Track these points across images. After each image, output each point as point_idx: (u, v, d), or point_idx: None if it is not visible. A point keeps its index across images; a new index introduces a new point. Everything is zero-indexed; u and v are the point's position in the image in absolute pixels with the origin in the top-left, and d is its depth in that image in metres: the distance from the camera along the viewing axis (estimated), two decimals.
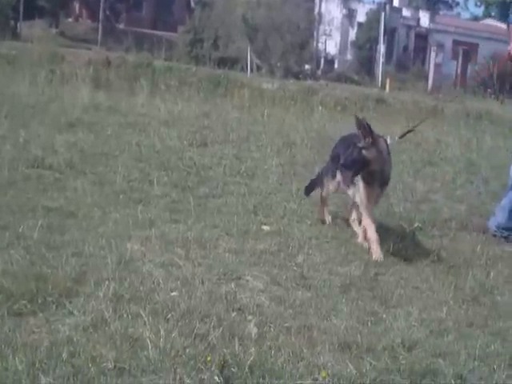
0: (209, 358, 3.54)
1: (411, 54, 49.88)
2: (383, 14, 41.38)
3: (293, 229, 6.31)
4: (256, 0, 40.16)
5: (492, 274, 5.72)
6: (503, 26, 57.73)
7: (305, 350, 3.87)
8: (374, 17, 44.68)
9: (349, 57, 47.30)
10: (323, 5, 47.10)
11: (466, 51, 44.73)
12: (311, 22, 43.87)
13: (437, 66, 41.15)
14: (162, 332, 3.79)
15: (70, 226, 5.59)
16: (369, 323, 4.42)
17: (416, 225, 6.87)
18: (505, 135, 15.78)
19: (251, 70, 31.44)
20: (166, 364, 3.52)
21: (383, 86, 32.19)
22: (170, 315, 4.07)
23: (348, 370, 3.68)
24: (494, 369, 3.92)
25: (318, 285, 4.99)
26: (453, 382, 3.73)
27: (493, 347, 4.25)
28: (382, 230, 6.70)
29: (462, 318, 4.73)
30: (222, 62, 26.82)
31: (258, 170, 8.49)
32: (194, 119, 11.56)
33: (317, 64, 42.23)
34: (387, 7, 45.84)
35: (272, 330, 4.12)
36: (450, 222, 7.23)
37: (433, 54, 43.13)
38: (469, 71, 42.75)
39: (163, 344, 3.68)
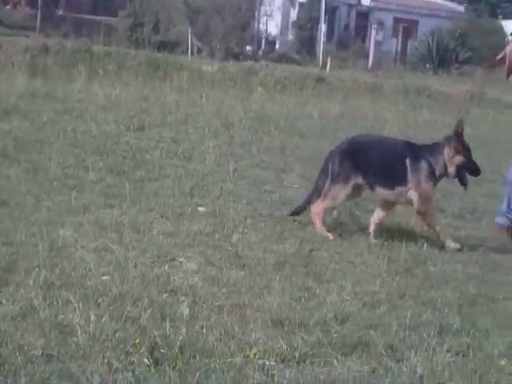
0: (137, 341, 3.53)
1: (352, 32, 49.99)
2: None
3: (228, 209, 6.31)
4: None
5: (426, 245, 5.79)
6: (443, 2, 58.39)
7: (236, 329, 3.89)
8: None
9: (290, 37, 47.23)
10: None
11: (406, 28, 44.98)
12: (252, 3, 43.67)
13: (377, 43, 41.30)
14: (92, 317, 3.77)
15: (1, 216, 5.51)
16: (302, 299, 4.46)
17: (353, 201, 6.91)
18: (442, 109, 15.96)
19: (192, 52, 31.29)
20: (95, 349, 3.50)
21: (324, 65, 32.23)
22: (101, 300, 4.05)
23: (279, 346, 3.70)
24: (423, 337, 3.97)
25: (252, 263, 5.01)
26: (383, 351, 3.78)
27: (424, 316, 4.33)
28: None
29: (395, 289, 4.80)
30: (163, 46, 26.67)
31: (195, 151, 8.46)
32: (132, 103, 11.46)
33: (258, 45, 42.11)
34: None
35: (204, 309, 4.13)
36: None
37: (373, 32, 43.25)
38: (409, 48, 43.04)
39: (93, 329, 3.66)
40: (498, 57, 6.53)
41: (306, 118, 12.14)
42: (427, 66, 34.89)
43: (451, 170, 6.00)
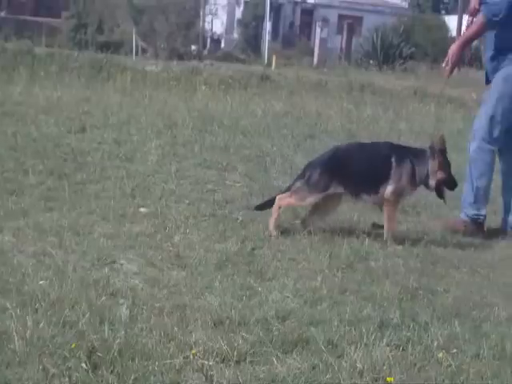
0: (73, 345, 3.49)
1: (297, 30, 50.26)
2: None
3: (170, 209, 6.28)
4: None
5: (367, 240, 5.82)
6: None
7: (176, 330, 3.87)
8: None
9: (235, 35, 47.29)
10: None
11: (351, 25, 45.26)
12: (197, 2, 43.55)
13: (322, 40, 41.44)
14: (29, 323, 3.72)
15: None
16: (243, 298, 4.45)
17: None
18: (385, 105, 16.09)
19: (136, 53, 31.13)
20: (32, 355, 3.45)
21: (270, 64, 32.31)
22: (38, 305, 4.00)
23: (219, 346, 3.69)
24: (363, 332, 4.00)
25: (194, 263, 4.99)
26: (323, 348, 3.79)
27: (365, 311, 4.35)
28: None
29: (337, 285, 4.81)
30: (107, 46, 26.46)
31: (137, 152, 8.41)
32: (74, 105, 11.36)
33: (203, 44, 42.04)
34: None
35: (144, 312, 4.10)
36: None
37: (318, 29, 43.43)
38: (353, 44, 43.32)
39: (30, 335, 3.61)
40: (443, 64, 6.55)
41: (249, 116, 12.16)
42: (371, 62, 35.13)
43: (432, 183, 6.12)
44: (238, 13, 48.79)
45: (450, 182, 6.19)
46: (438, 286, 4.98)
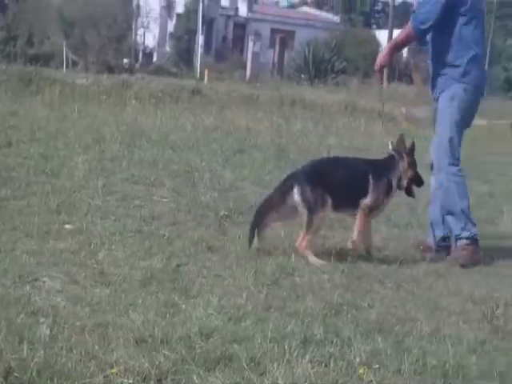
0: None
1: (230, 43, 50.37)
2: (201, 4, 41.55)
3: (96, 226, 6.20)
4: None
5: (293, 256, 5.84)
6: (319, 13, 59.51)
7: (97, 348, 3.81)
8: (192, 7, 44.77)
9: (168, 49, 47.22)
10: None
11: (283, 39, 45.61)
12: (128, 15, 43.44)
13: (255, 54, 41.66)
14: None
15: None
16: (167, 315, 4.40)
17: (222, 213, 6.93)
18: (316, 119, 16.22)
19: (67, 66, 30.83)
20: None
21: (202, 77, 32.33)
22: None
23: (140, 364, 3.65)
24: (286, 349, 4.00)
25: (118, 280, 4.93)
26: (245, 365, 3.78)
27: (289, 328, 4.34)
28: (190, 218, 6.77)
29: (261, 301, 4.80)
30: (36, 59, 26.16)
31: (64, 167, 8.30)
32: (0, 119, 11.18)
33: (135, 57, 41.89)
34: None
35: (65, 330, 4.03)
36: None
37: (250, 43, 43.66)
38: (286, 58, 43.64)
39: None
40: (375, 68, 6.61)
41: (179, 131, 12.13)
42: (302, 76, 35.40)
43: (404, 183, 6.32)
44: (171, 26, 48.73)
45: (418, 179, 6.41)
46: (363, 302, 5.00)
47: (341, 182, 6.16)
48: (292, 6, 73.43)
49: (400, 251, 6.42)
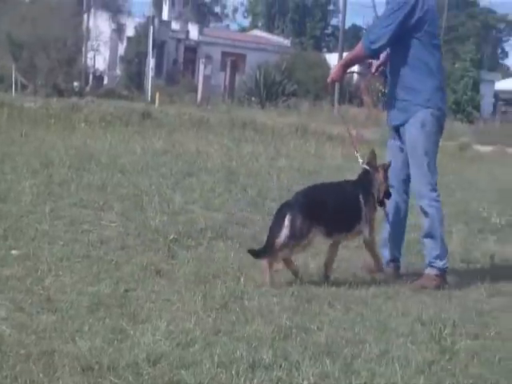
0: None
1: (181, 66, 50.40)
2: (152, 27, 41.57)
3: (43, 251, 6.12)
4: (21, 16, 38.97)
5: (242, 279, 5.83)
6: (270, 36, 59.91)
7: (42, 376, 3.76)
8: (142, 31, 44.77)
9: (118, 72, 47.09)
10: (91, 20, 46.56)
11: (234, 62, 45.77)
12: (78, 38, 43.21)
13: (206, 77, 41.76)
14: None
15: None
16: (115, 341, 4.35)
17: (172, 236, 6.90)
18: (266, 142, 16.27)
19: (16, 89, 30.55)
20: None
21: (153, 100, 32.29)
22: None
23: None
24: (233, 374, 3.98)
25: (65, 307, 4.86)
26: None
27: (237, 352, 4.31)
28: (138, 243, 6.72)
29: (210, 326, 4.77)
30: None
31: (11, 192, 8.18)
32: None
33: (86, 80, 41.68)
34: (156, 20, 46.12)
35: (10, 358, 3.96)
36: (206, 232, 7.30)
37: (201, 67, 43.75)
38: (237, 82, 43.79)
39: None
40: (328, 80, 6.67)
41: (128, 154, 12.07)
42: (253, 99, 35.54)
43: (380, 196, 6.49)
44: (121, 49, 48.63)
45: (388, 191, 6.56)
46: (312, 324, 5.00)
47: (334, 209, 6.21)
48: (243, 30, 73.92)
49: (349, 273, 6.44)
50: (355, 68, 6.88)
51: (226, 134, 17.16)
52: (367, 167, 6.46)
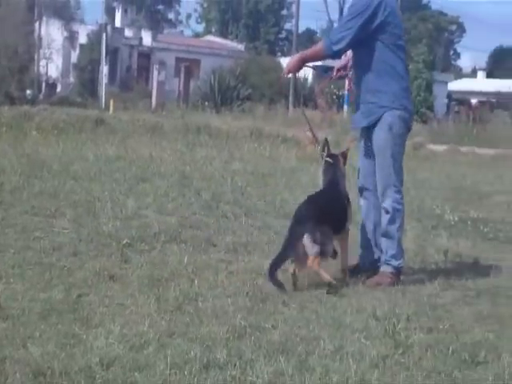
0: None
1: (135, 73, 50.20)
2: (104, 34, 41.34)
3: None
4: None
5: (196, 281, 5.81)
6: (224, 41, 59.92)
7: None
8: (95, 38, 44.52)
9: (72, 79, 46.75)
10: (43, 28, 46.17)
11: (188, 67, 45.73)
12: (30, 46, 42.80)
13: (160, 83, 41.66)
14: None
15: None
16: (68, 346, 4.32)
17: (125, 241, 6.86)
18: (221, 146, 16.28)
19: None
20: None
21: (107, 107, 32.11)
22: None
23: None
24: (186, 375, 3.97)
25: (16, 314, 4.81)
26: None
27: (192, 353, 4.29)
28: (91, 248, 6.67)
29: (164, 328, 4.74)
30: None
31: None
32: None
33: (38, 88, 41.31)
34: (109, 28, 45.92)
35: None
36: (160, 236, 7.27)
37: (155, 73, 43.64)
38: (191, 87, 43.73)
39: None
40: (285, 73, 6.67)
41: (81, 161, 11.99)
42: (206, 104, 35.50)
43: None
44: (74, 57, 48.29)
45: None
46: (266, 323, 4.99)
47: (335, 214, 6.31)
48: (197, 36, 73.85)
49: (305, 273, 6.43)
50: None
51: (180, 139, 17.13)
52: (330, 159, 6.51)
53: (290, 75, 6.96)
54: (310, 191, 6.85)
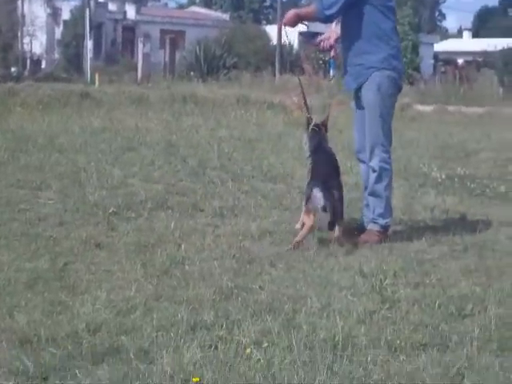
0: None
1: (120, 46, 49.87)
2: (88, 9, 40.99)
3: None
4: None
5: (183, 246, 5.81)
6: (207, 11, 59.52)
7: None
8: (79, 13, 44.13)
9: (56, 55, 46.44)
10: (26, 5, 45.78)
11: (173, 39, 45.45)
12: (13, 24, 42.51)
13: (145, 56, 41.37)
14: None
15: None
16: (54, 314, 4.31)
17: (111, 210, 6.85)
18: (207, 115, 16.22)
19: None
20: None
21: (93, 82, 31.91)
22: None
23: (24, 364, 3.57)
24: (172, 336, 3.97)
25: (2, 284, 4.80)
26: (132, 356, 3.73)
27: (178, 315, 4.30)
28: (77, 218, 6.65)
29: (151, 292, 4.75)
30: None
31: None
32: None
33: (23, 65, 41.05)
34: (92, 3, 45.50)
35: None
36: (146, 203, 7.26)
37: (140, 45, 43.34)
38: (177, 58, 43.49)
39: None
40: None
41: (66, 134, 11.94)
42: (192, 73, 35.31)
43: None
44: (58, 33, 47.94)
45: None
46: (253, 284, 5.00)
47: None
48: (181, 7, 73.32)
49: (292, 234, 6.43)
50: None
51: (166, 109, 17.06)
52: (316, 128, 6.55)
53: (284, 33, 6.88)
54: (296, 155, 6.80)
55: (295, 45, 43.40)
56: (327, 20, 6.57)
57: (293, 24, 6.53)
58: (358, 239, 6.37)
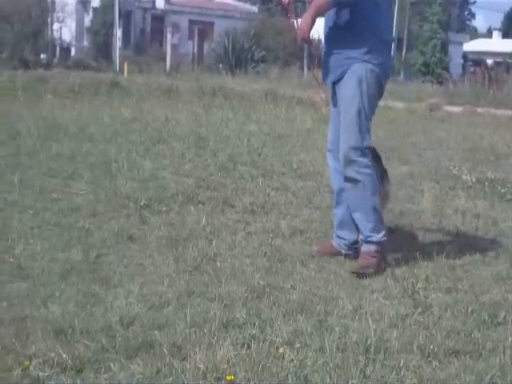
0: None
1: (148, 36, 49.99)
2: None
3: (13, 220, 6.08)
4: None
5: (215, 242, 5.82)
6: (237, 3, 59.48)
7: (15, 342, 3.74)
8: (108, 1, 44.28)
9: (86, 43, 46.63)
10: None
11: (202, 30, 45.52)
12: (43, 10, 42.69)
13: (174, 46, 41.54)
14: None
15: None
16: (87, 306, 4.35)
17: (142, 202, 6.87)
18: (236, 108, 16.22)
19: None
20: None
21: (121, 71, 32.06)
22: None
23: (59, 355, 3.60)
24: (206, 333, 3.98)
25: (36, 274, 4.85)
26: (166, 351, 3.75)
27: (211, 312, 4.31)
28: (109, 209, 6.68)
29: (183, 288, 4.76)
30: None
31: None
32: None
33: (53, 52, 41.27)
34: None
35: None
36: (177, 197, 7.28)
37: (169, 36, 43.45)
38: (205, 49, 43.56)
39: None
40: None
41: (97, 124, 12.00)
42: (220, 66, 35.36)
43: None
44: (87, 20, 48.11)
45: None
46: (285, 283, 4.99)
47: None
48: None
49: (323, 233, 6.43)
50: None
51: (195, 102, 17.07)
52: None
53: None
54: (325, 153, 6.74)
55: (322, 40, 43.24)
56: (339, 5, 5.58)
57: (310, 31, 5.64)
58: (357, 266, 5.57)
